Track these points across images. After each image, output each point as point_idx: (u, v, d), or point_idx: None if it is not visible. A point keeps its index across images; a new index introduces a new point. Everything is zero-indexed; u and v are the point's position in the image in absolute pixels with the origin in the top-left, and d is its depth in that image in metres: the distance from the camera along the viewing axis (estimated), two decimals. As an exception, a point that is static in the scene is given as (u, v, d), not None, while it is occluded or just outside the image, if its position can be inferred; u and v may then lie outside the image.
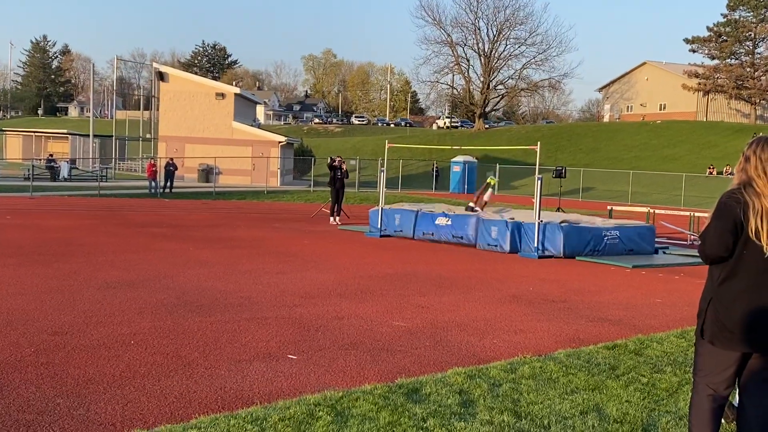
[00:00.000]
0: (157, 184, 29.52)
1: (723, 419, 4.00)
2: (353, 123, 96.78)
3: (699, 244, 3.45)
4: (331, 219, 19.14)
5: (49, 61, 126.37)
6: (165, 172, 30.17)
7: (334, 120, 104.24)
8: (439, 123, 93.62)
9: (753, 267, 3.26)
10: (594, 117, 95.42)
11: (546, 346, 6.34)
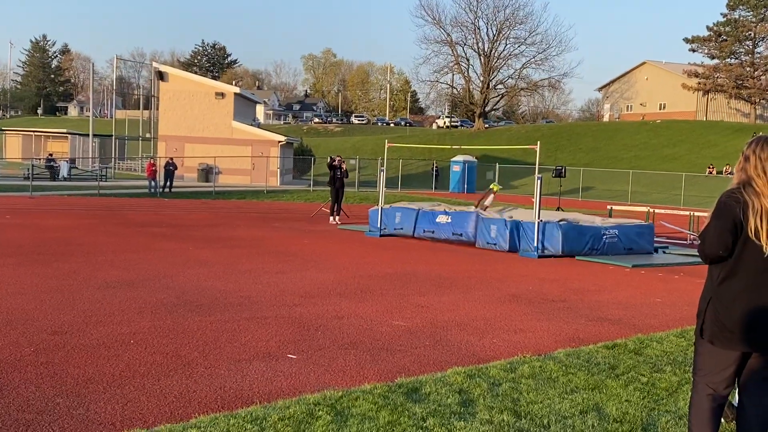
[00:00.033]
0: (157, 183, 29.52)
1: (723, 418, 4.00)
2: (353, 122, 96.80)
3: (698, 243, 3.45)
4: (331, 218, 19.14)
5: (49, 61, 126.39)
6: (165, 171, 30.16)
7: (333, 119, 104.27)
8: (439, 122, 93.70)
9: (752, 266, 3.26)
10: (594, 116, 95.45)
11: (546, 345, 6.34)
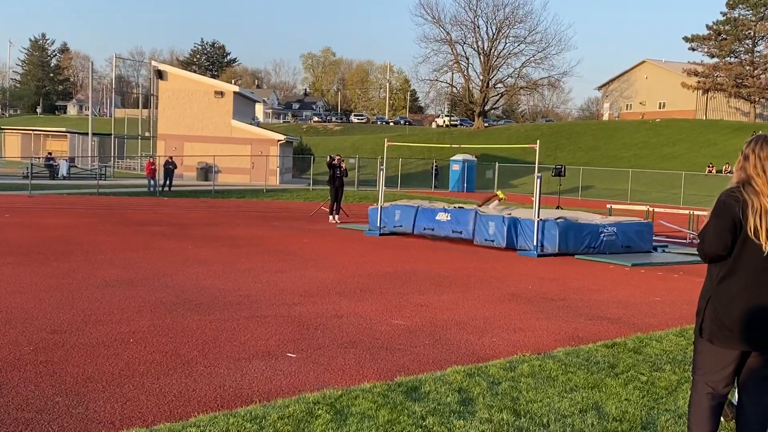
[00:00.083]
0: (156, 182, 29.51)
1: (722, 417, 4.00)
2: (352, 121, 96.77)
3: (698, 242, 3.45)
4: (331, 217, 19.13)
5: (48, 60, 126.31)
6: (164, 170, 30.16)
7: (333, 118, 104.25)
8: (439, 121, 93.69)
9: (752, 265, 3.26)
10: (593, 115, 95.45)
11: (545, 344, 6.35)
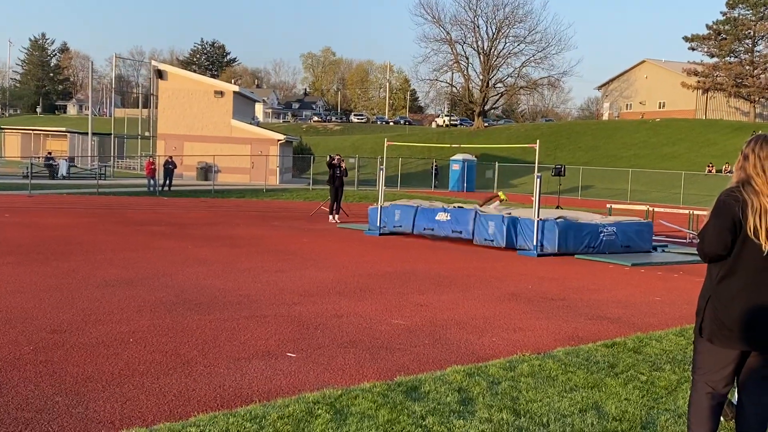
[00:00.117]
0: (156, 182, 29.51)
1: (722, 417, 4.00)
2: (352, 121, 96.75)
3: (698, 242, 3.45)
4: (331, 217, 19.13)
5: (48, 59, 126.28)
6: (164, 170, 30.16)
7: (333, 118, 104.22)
8: (438, 121, 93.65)
9: (751, 265, 3.26)
10: (593, 115, 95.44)
11: (545, 344, 6.35)
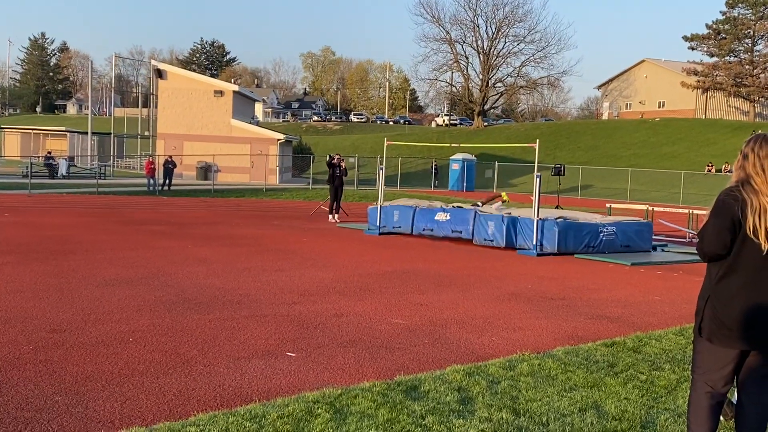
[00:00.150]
0: (156, 181, 29.51)
1: (722, 416, 4.00)
2: (352, 121, 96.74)
3: (697, 241, 3.45)
4: (330, 216, 19.13)
5: (48, 59, 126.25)
6: (164, 169, 30.15)
7: (332, 117, 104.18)
8: (438, 121, 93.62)
9: (751, 264, 3.26)
10: (593, 115, 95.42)
11: (544, 343, 6.35)
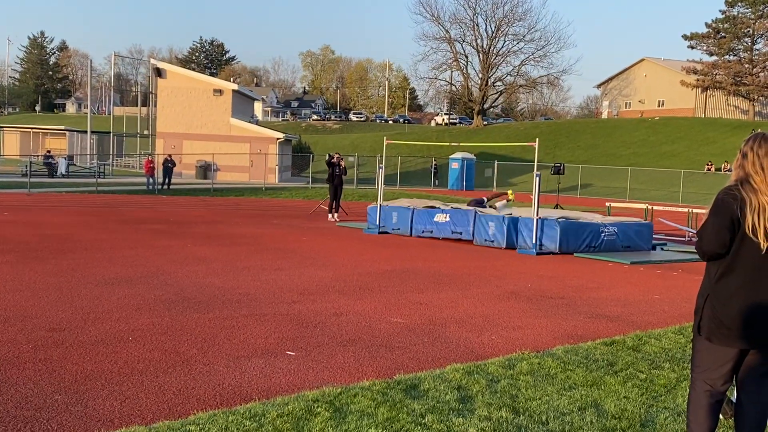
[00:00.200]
0: (155, 180, 29.50)
1: (721, 415, 4.01)
2: (351, 120, 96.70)
3: (696, 240, 3.45)
4: (330, 216, 19.14)
5: (47, 58, 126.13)
6: (163, 168, 30.14)
7: (332, 116, 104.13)
8: (438, 120, 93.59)
9: (750, 263, 3.26)
10: (592, 113, 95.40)
11: (544, 342, 6.35)
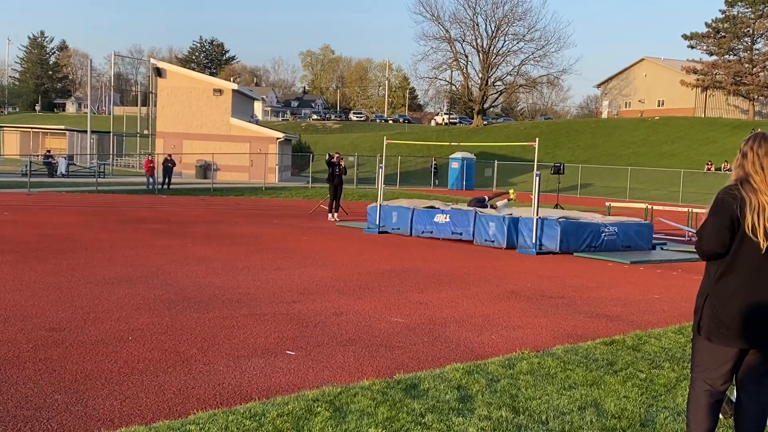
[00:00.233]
0: (155, 180, 29.50)
1: (721, 414, 4.01)
2: (351, 119, 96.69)
3: (696, 240, 3.45)
4: (330, 215, 19.14)
5: (47, 57, 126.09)
6: (163, 168, 30.14)
7: (332, 116, 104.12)
8: (438, 119, 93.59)
9: (749, 263, 3.26)
10: (592, 113, 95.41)
11: (544, 341, 6.35)
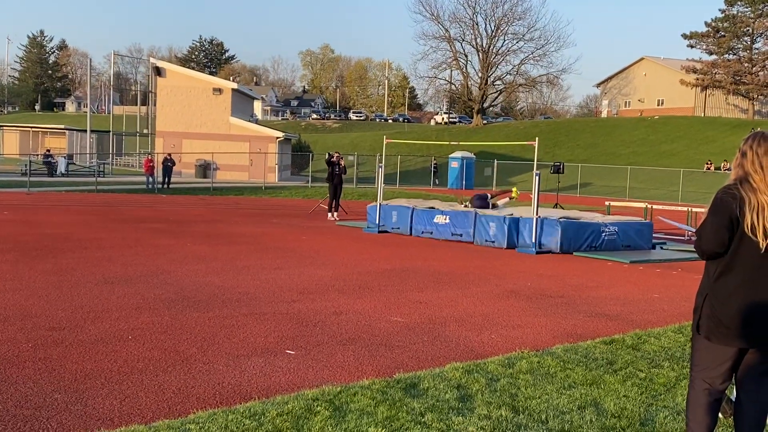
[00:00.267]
0: (155, 179, 29.50)
1: (721, 414, 4.01)
2: (351, 119, 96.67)
3: (695, 239, 3.45)
4: (329, 215, 19.14)
5: (46, 56, 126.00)
6: (163, 167, 30.13)
7: (331, 116, 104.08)
8: (437, 119, 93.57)
9: (749, 262, 3.26)
10: (592, 112, 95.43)
11: (544, 341, 6.36)
